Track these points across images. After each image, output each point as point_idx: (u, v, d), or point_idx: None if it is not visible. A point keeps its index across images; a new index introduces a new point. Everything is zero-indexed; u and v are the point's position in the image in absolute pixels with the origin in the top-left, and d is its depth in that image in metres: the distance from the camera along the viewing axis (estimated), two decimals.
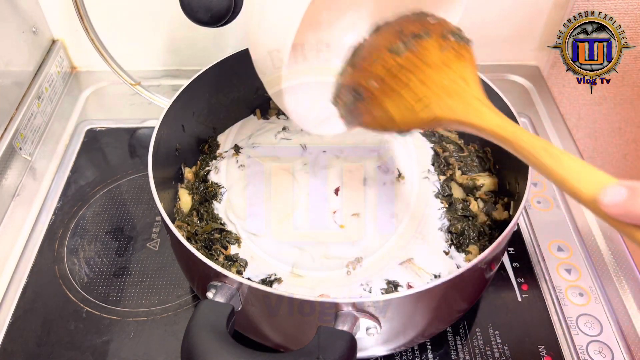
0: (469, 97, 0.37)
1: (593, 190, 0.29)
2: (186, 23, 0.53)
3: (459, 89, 0.37)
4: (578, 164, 0.31)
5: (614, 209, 0.27)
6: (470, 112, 0.36)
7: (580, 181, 0.30)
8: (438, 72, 0.37)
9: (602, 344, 0.52)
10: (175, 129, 0.57)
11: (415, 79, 0.38)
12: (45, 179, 0.70)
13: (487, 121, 0.36)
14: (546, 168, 0.32)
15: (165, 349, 0.52)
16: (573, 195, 0.30)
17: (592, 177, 0.30)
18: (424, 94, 0.37)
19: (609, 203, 0.28)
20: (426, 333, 0.50)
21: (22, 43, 0.75)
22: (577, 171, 0.31)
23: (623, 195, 0.27)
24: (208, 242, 0.54)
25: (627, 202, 0.27)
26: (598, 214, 0.29)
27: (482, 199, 0.57)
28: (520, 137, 0.34)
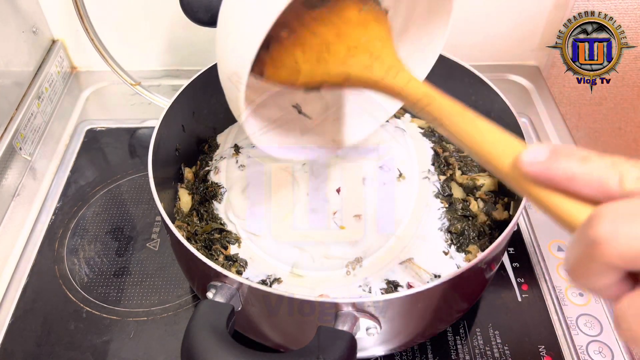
0: (386, 57, 0.35)
1: (511, 153, 0.27)
2: (186, 23, 0.53)
3: (375, 48, 0.36)
4: (496, 130, 0.29)
5: (535, 166, 0.26)
6: (387, 72, 0.35)
7: (497, 146, 0.29)
8: (355, 29, 0.36)
9: (602, 344, 0.52)
10: (175, 129, 0.57)
11: (330, 32, 0.36)
12: (45, 179, 0.70)
13: (403, 82, 0.34)
14: (462, 134, 0.30)
15: (165, 349, 0.52)
16: (489, 161, 0.29)
17: (511, 142, 0.28)
18: (338, 48, 0.36)
19: (530, 160, 0.26)
20: (426, 333, 0.50)
21: (22, 43, 0.75)
22: (495, 137, 0.29)
23: (545, 153, 0.26)
24: (208, 242, 0.54)
25: (549, 160, 0.26)
26: (516, 180, 0.27)
27: (482, 199, 0.57)
28: (435, 99, 0.32)
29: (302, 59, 0.37)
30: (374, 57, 0.35)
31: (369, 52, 0.36)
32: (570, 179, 0.25)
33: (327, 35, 0.36)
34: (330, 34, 0.36)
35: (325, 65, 0.36)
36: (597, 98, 0.88)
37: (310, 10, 0.36)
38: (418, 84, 0.34)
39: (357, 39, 0.36)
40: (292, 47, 0.37)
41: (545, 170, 0.26)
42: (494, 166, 0.29)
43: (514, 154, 0.27)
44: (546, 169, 0.26)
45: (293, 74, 0.37)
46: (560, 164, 0.25)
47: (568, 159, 0.25)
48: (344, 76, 0.36)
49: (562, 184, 0.25)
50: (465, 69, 0.57)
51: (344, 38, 0.36)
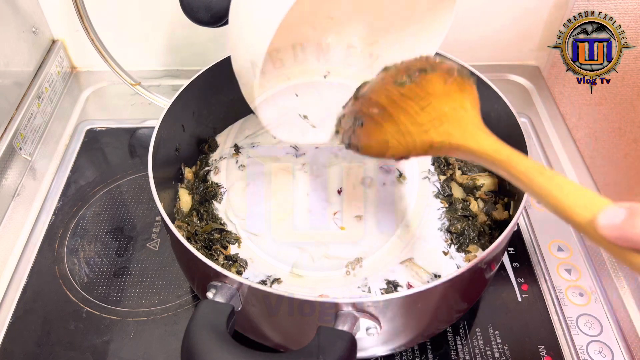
0: (466, 123, 0.37)
1: (589, 212, 0.28)
2: (186, 23, 0.53)
3: (457, 116, 0.37)
4: (573, 186, 0.30)
5: (612, 231, 0.26)
6: (466, 137, 0.36)
7: (575, 203, 0.29)
8: (439, 100, 0.38)
9: (602, 344, 0.52)
10: (175, 129, 0.57)
11: (416, 105, 0.38)
12: (45, 179, 0.70)
13: (483, 145, 0.36)
14: (541, 190, 0.31)
15: (165, 349, 0.52)
16: (568, 218, 0.30)
17: (588, 199, 0.29)
18: (423, 119, 0.38)
19: (606, 225, 0.26)
20: (426, 333, 0.50)
21: (22, 43, 0.75)
22: (572, 193, 0.30)
23: (621, 216, 0.26)
24: (208, 242, 0.54)
25: (625, 223, 0.26)
26: (594, 238, 0.28)
27: (482, 199, 0.57)
28: (515, 160, 0.34)
29: (391, 133, 0.40)
30: (455, 124, 0.37)
31: (451, 120, 0.37)
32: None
33: (413, 109, 0.38)
34: (416, 107, 0.38)
35: (410, 136, 0.39)
36: (597, 98, 0.88)
37: (401, 88, 0.39)
38: (499, 146, 0.35)
39: (440, 109, 0.38)
40: (382, 122, 0.40)
41: (621, 234, 0.26)
42: (572, 222, 0.29)
43: (593, 212, 0.28)
44: (622, 231, 0.26)
45: (384, 147, 0.41)
46: (637, 226, 0.25)
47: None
48: (428, 145, 0.38)
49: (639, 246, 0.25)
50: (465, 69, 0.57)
51: (428, 109, 0.38)
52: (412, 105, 0.39)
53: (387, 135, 0.40)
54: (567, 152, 0.73)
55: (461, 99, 0.38)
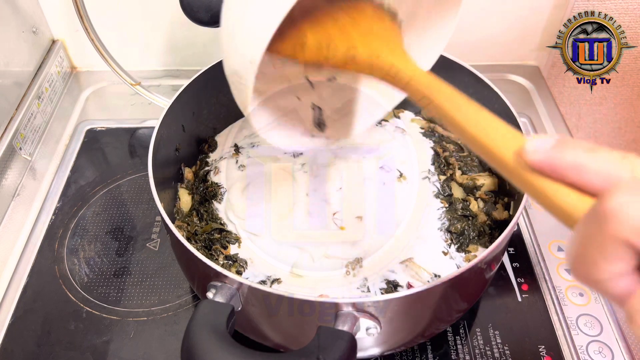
0: (394, 44, 0.36)
1: (514, 144, 0.27)
2: (186, 23, 0.53)
3: (386, 36, 0.37)
4: (499, 122, 0.29)
5: (540, 154, 0.25)
6: (393, 56, 0.35)
7: (500, 137, 0.28)
8: (369, 20, 0.37)
9: (602, 344, 0.52)
10: (175, 129, 0.57)
11: (345, 17, 0.37)
12: (45, 179, 0.70)
13: (409, 67, 0.34)
14: (465, 122, 0.30)
15: (165, 349, 0.52)
16: (491, 151, 0.28)
17: (514, 134, 0.28)
18: (350, 30, 0.37)
19: (533, 149, 0.25)
20: (426, 333, 0.50)
21: (22, 43, 0.75)
22: (498, 128, 0.28)
23: (551, 142, 0.25)
24: (208, 242, 0.54)
25: (555, 149, 0.24)
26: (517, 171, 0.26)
27: (482, 199, 0.57)
28: (441, 87, 0.32)
29: (311, 34, 0.37)
30: (383, 45, 0.36)
31: (380, 40, 0.36)
32: (577, 168, 0.23)
33: (342, 19, 0.37)
34: (346, 19, 0.37)
35: (333, 44, 0.37)
36: (597, 98, 0.88)
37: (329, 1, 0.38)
38: (423, 75, 0.34)
39: (370, 27, 0.37)
40: (303, 24, 0.38)
41: (550, 158, 0.24)
42: (495, 156, 0.28)
43: (518, 145, 0.26)
44: (552, 157, 0.24)
45: (298, 46, 0.38)
46: (567, 152, 0.24)
47: (575, 148, 0.24)
48: (350, 57, 0.36)
49: (567, 173, 0.24)
50: (465, 69, 0.57)
51: (358, 24, 0.37)
52: (341, 15, 0.37)
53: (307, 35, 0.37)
54: None
55: (390, 25, 0.38)
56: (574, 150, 0.24)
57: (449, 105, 0.31)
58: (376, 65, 0.36)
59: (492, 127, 0.29)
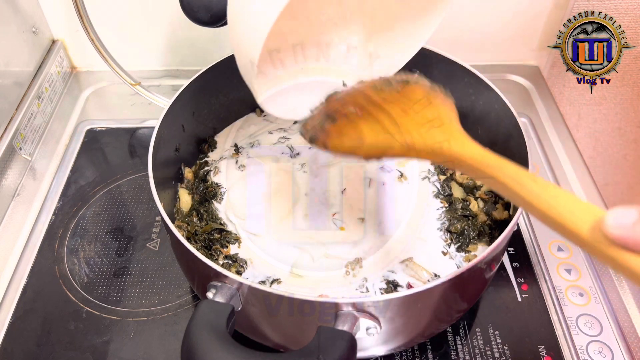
0: (451, 129, 0.36)
1: (588, 218, 0.26)
2: (186, 23, 0.53)
3: (442, 122, 0.36)
4: (569, 195, 0.28)
5: (622, 231, 0.24)
6: (452, 141, 0.35)
7: (571, 211, 0.27)
8: (422, 107, 0.37)
9: (602, 344, 0.52)
10: (175, 129, 0.57)
11: (398, 108, 0.37)
12: (45, 179, 0.70)
13: (469, 150, 0.34)
14: (532, 199, 0.30)
15: (165, 349, 0.52)
16: (564, 227, 0.28)
17: (586, 207, 0.27)
18: (404, 122, 0.37)
19: (615, 224, 0.24)
20: (426, 333, 0.50)
21: (22, 43, 0.75)
22: (569, 201, 0.28)
23: (633, 216, 0.24)
24: (208, 242, 0.54)
25: (636, 224, 0.23)
26: (595, 246, 0.26)
27: (482, 199, 0.57)
28: (504, 165, 0.32)
29: (367, 131, 0.38)
30: (439, 129, 0.36)
31: (434, 125, 0.36)
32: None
33: (394, 111, 0.37)
34: (397, 109, 0.37)
35: (389, 137, 0.37)
36: (597, 98, 0.88)
37: (380, 92, 0.38)
38: (486, 153, 0.34)
39: (424, 115, 0.37)
40: (358, 120, 0.39)
41: (633, 234, 0.24)
42: (570, 230, 0.27)
43: (594, 218, 0.26)
44: (635, 232, 0.24)
45: (356, 144, 0.39)
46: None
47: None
48: (408, 147, 0.37)
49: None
50: (465, 69, 0.57)
51: (410, 114, 0.37)
52: (394, 107, 0.37)
53: (363, 132, 0.38)
54: (567, 152, 0.73)
55: (444, 109, 0.37)
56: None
57: (515, 184, 0.31)
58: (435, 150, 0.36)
59: (562, 199, 0.28)
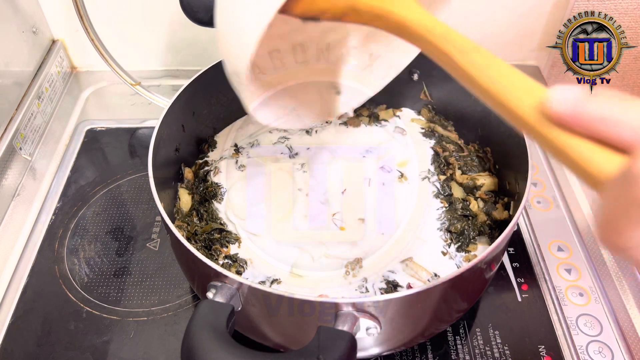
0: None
1: (533, 95, 0.24)
2: (186, 23, 0.53)
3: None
4: (516, 71, 0.26)
5: (565, 105, 0.22)
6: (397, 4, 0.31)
7: (516, 87, 0.25)
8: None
9: (602, 344, 0.52)
10: (175, 129, 0.57)
11: None
12: (45, 179, 0.70)
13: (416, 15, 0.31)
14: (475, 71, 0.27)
15: (165, 349, 0.52)
16: (506, 103, 0.25)
17: (532, 85, 0.25)
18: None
19: (559, 99, 0.22)
20: (426, 333, 0.50)
21: (22, 43, 0.75)
22: (515, 77, 0.26)
23: (577, 92, 0.22)
24: (208, 242, 0.54)
25: (581, 99, 0.22)
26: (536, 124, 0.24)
27: (482, 199, 0.57)
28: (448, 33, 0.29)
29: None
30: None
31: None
32: (606, 120, 0.21)
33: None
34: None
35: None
36: None
37: None
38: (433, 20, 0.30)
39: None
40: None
41: (576, 109, 0.22)
42: (511, 109, 0.25)
43: (538, 96, 0.24)
44: (578, 108, 0.22)
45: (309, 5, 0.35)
46: (596, 103, 0.21)
47: (605, 98, 0.21)
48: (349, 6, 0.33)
49: (595, 127, 0.21)
50: None
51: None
52: None
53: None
54: None
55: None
56: (604, 100, 0.21)
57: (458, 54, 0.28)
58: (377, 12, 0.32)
59: (506, 75, 0.26)
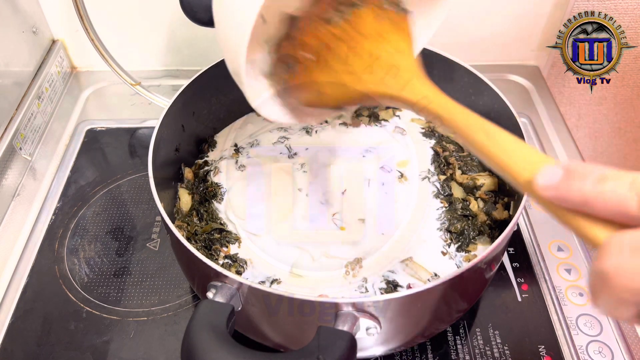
0: (403, 70, 0.35)
1: (529, 172, 0.27)
2: (186, 23, 0.53)
3: (393, 62, 0.35)
4: (515, 143, 0.29)
5: (549, 191, 0.25)
6: (404, 87, 0.34)
7: (517, 163, 0.28)
8: (373, 43, 0.36)
9: (602, 344, 0.52)
10: (175, 129, 0.57)
11: (349, 50, 0.36)
12: (45, 179, 0.70)
13: (421, 96, 0.34)
14: (482, 149, 0.30)
15: (165, 349, 0.52)
16: (509, 177, 0.28)
17: (530, 157, 0.28)
18: (356, 66, 0.36)
19: (543, 184, 0.25)
20: (426, 333, 0.50)
21: (22, 43, 0.75)
22: (514, 150, 0.29)
23: (558, 176, 0.25)
24: (208, 242, 0.54)
25: (561, 183, 0.25)
26: (535, 198, 0.27)
27: (482, 199, 0.57)
28: (452, 112, 0.32)
29: (326, 83, 0.37)
30: (390, 73, 0.35)
31: (386, 67, 0.35)
32: (585, 202, 0.24)
33: (346, 55, 0.36)
34: (349, 53, 0.36)
35: (345, 86, 0.37)
36: (597, 98, 0.88)
37: (330, 27, 0.36)
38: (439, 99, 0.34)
39: (374, 53, 0.36)
40: (316, 71, 0.37)
41: (559, 194, 0.25)
42: (514, 181, 0.28)
43: (534, 171, 0.26)
44: (560, 192, 0.25)
45: (322, 97, 0.39)
46: (574, 186, 0.24)
47: (583, 181, 0.24)
48: (364, 94, 0.36)
49: (578, 207, 0.24)
50: (465, 69, 0.57)
51: (360, 53, 0.36)
52: (343, 48, 0.36)
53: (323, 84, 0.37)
54: (567, 152, 0.73)
55: (396, 41, 0.36)
56: (581, 181, 0.24)
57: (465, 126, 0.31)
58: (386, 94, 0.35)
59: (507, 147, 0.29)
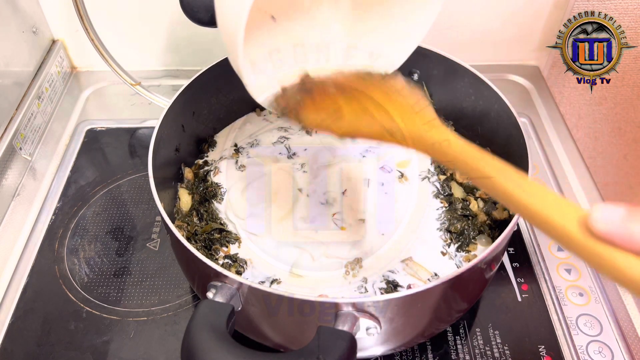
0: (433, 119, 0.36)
1: (575, 216, 0.26)
2: (186, 23, 0.53)
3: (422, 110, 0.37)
4: (554, 195, 0.28)
5: (610, 227, 0.24)
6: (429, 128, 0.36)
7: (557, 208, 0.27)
8: (402, 95, 0.38)
9: (602, 344, 0.52)
10: (175, 129, 0.57)
11: (379, 91, 0.38)
12: (45, 179, 0.70)
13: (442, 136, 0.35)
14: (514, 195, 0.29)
15: (165, 349, 0.52)
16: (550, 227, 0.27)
17: (572, 206, 0.27)
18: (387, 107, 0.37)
19: (603, 220, 0.24)
20: (426, 333, 0.50)
21: (22, 43, 0.75)
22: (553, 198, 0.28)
23: (620, 212, 0.24)
24: (208, 242, 0.54)
25: (625, 220, 0.23)
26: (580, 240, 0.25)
27: (482, 199, 0.57)
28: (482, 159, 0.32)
29: (346, 107, 0.38)
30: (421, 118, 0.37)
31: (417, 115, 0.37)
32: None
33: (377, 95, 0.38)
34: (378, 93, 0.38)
35: (369, 118, 0.37)
36: (597, 98, 0.88)
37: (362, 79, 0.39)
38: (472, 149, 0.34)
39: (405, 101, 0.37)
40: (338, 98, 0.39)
41: (621, 230, 0.23)
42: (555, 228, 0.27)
43: (578, 215, 0.26)
44: (622, 229, 0.23)
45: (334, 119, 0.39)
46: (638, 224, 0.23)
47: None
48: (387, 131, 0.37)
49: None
50: (465, 69, 0.57)
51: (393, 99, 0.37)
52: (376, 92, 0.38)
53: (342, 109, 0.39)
54: (567, 152, 0.73)
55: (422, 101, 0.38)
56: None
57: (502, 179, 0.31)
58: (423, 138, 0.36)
59: (544, 197, 0.28)
